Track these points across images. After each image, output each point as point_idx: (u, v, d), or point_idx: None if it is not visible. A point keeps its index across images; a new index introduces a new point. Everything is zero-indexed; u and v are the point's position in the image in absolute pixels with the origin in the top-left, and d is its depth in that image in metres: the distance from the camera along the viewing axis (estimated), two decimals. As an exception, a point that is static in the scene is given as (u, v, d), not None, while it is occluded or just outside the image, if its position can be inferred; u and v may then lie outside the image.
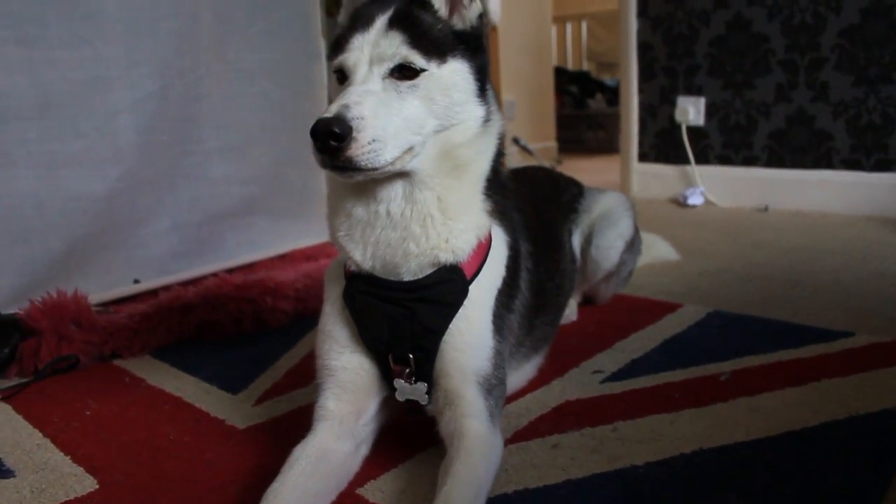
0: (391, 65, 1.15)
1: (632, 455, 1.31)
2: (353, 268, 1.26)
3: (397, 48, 1.15)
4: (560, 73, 7.26)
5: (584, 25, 8.05)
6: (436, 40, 1.19)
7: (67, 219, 2.14)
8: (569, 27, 8.12)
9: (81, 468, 1.37)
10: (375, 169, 1.12)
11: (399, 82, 1.15)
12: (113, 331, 1.94)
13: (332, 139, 1.07)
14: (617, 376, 1.67)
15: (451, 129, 1.21)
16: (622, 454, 1.31)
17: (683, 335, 1.91)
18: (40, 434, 1.52)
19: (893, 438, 1.32)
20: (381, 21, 1.18)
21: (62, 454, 1.42)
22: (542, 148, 5.93)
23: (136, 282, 2.34)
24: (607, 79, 7.47)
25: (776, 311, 2.06)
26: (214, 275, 2.32)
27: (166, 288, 2.23)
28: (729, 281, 2.40)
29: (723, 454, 1.30)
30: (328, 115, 1.08)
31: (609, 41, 7.47)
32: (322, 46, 2.88)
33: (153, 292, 2.26)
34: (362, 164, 1.10)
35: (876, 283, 2.29)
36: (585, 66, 8.09)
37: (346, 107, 1.09)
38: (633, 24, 4.08)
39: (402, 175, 1.19)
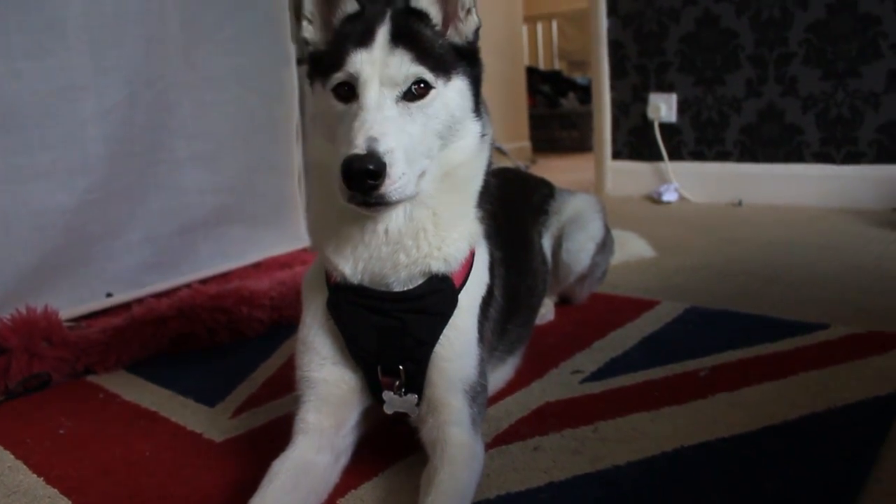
0: (404, 87, 1.11)
1: (613, 455, 1.30)
2: (339, 279, 1.24)
3: (409, 68, 1.11)
4: (532, 72, 7.28)
5: (554, 25, 8.09)
6: (440, 57, 1.16)
7: (36, 233, 2.10)
8: (539, 27, 8.15)
9: (55, 490, 1.33)
10: (402, 201, 1.09)
11: (410, 103, 1.12)
12: (86, 346, 1.91)
13: (369, 178, 1.02)
14: (596, 376, 1.66)
15: (450, 147, 1.18)
16: (604, 454, 1.31)
17: (661, 332, 1.91)
18: (12, 456, 1.48)
19: (871, 429, 1.33)
20: (382, 36, 1.13)
21: (35, 476, 1.39)
22: (515, 148, 5.93)
23: (109, 295, 2.31)
24: (579, 77, 7.50)
25: (753, 305, 2.07)
26: (188, 286, 2.28)
27: (139, 301, 2.20)
28: (705, 277, 2.41)
29: (704, 451, 1.30)
30: (359, 151, 1.02)
31: (580, 40, 7.50)
32: (292, 51, 2.85)
33: (126, 305, 2.22)
34: (394, 198, 1.06)
35: (849, 274, 2.31)
36: (557, 66, 8.13)
37: (375, 140, 1.03)
38: (603, 22, 4.10)
39: None
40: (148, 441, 1.51)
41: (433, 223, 1.20)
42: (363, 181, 1.02)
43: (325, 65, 1.18)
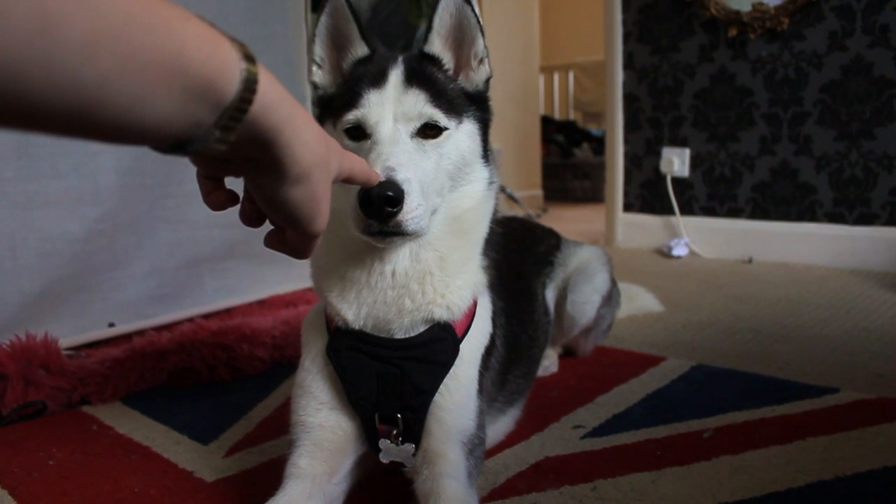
0: (418, 123, 1.13)
1: (612, 516, 1.27)
2: (340, 324, 1.22)
3: (423, 107, 1.13)
4: (547, 122, 7.33)
5: (571, 76, 8.17)
6: (452, 100, 1.19)
7: (42, 260, 2.10)
8: (556, 77, 8.24)
9: (39, 523, 1.31)
10: (417, 233, 1.08)
11: (424, 141, 1.13)
12: (83, 376, 1.89)
13: (388, 205, 1.01)
14: (598, 431, 1.63)
15: (458, 190, 1.20)
16: (602, 515, 1.27)
17: (666, 390, 1.87)
18: (-1, 485, 1.46)
19: (880, 502, 1.29)
20: (396, 77, 1.15)
21: (19, 507, 1.36)
22: (527, 196, 5.95)
23: (111, 325, 2.30)
24: (593, 129, 7.55)
25: (761, 365, 2.03)
26: (191, 320, 2.27)
27: (141, 333, 2.18)
28: (713, 334, 2.38)
29: (706, 516, 1.26)
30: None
31: (595, 91, 7.57)
32: (307, 93, 2.88)
33: (127, 336, 2.21)
34: (410, 228, 1.05)
35: (860, 337, 2.27)
36: (572, 116, 8.19)
37: (392, 169, 1.03)
38: (619, 75, 4.13)
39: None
40: (137, 477, 1.48)
41: (439, 267, 1.19)
42: (381, 208, 1.01)
43: (337, 106, 1.19)
